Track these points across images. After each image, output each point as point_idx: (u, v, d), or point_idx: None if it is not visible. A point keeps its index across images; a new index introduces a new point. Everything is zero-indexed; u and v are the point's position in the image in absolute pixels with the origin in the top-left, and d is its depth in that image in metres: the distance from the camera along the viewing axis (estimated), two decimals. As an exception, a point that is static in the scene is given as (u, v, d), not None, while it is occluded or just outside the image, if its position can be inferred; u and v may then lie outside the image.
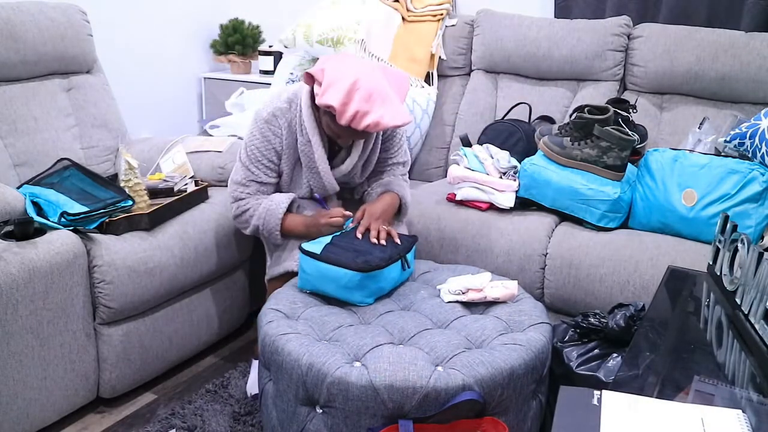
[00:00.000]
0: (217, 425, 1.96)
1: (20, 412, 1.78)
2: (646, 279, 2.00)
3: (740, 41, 2.45)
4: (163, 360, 2.15)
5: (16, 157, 2.25)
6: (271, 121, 1.98)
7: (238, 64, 3.48)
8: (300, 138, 1.98)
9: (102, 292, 1.90)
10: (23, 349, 1.76)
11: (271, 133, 1.98)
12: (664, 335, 1.43)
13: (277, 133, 1.98)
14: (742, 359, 1.33)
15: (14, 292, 1.70)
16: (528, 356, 1.56)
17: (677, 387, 1.22)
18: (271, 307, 1.76)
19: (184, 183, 2.25)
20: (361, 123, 1.80)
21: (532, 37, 2.74)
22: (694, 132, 2.36)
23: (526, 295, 1.88)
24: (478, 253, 2.22)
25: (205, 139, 2.58)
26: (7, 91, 2.28)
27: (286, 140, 1.99)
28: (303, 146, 1.99)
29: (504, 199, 2.27)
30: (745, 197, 2.03)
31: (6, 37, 2.23)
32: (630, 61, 2.65)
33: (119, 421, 2.01)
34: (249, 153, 2.00)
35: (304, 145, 1.98)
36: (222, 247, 2.25)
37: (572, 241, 2.14)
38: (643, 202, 2.18)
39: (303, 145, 1.98)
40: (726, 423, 1.04)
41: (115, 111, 2.60)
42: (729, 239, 1.58)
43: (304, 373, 1.52)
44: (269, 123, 1.98)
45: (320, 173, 2.00)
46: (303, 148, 1.99)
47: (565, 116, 2.68)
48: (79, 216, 1.89)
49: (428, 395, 1.45)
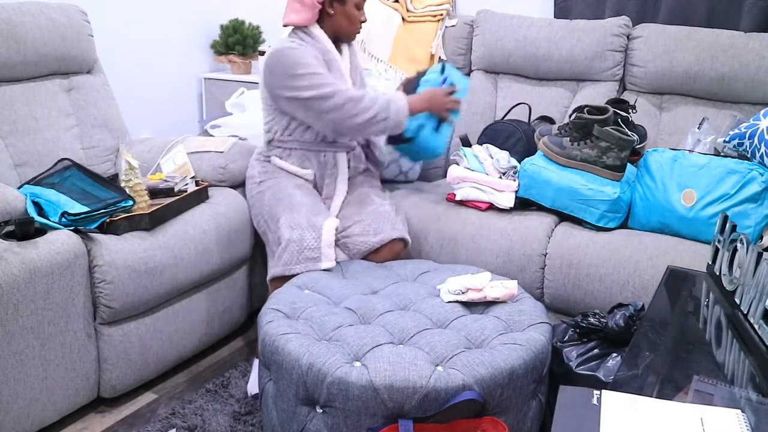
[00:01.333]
0: (217, 425, 1.97)
1: (21, 411, 1.79)
2: (645, 279, 2.00)
3: (739, 41, 2.45)
4: (163, 360, 2.15)
5: (16, 157, 2.26)
6: (291, 43, 2.15)
7: (238, 65, 3.48)
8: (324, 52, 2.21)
9: (102, 292, 1.90)
10: (24, 348, 1.76)
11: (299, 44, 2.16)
12: (664, 335, 1.43)
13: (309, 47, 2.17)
14: (742, 359, 1.34)
15: (15, 292, 1.70)
16: (528, 356, 1.57)
17: (677, 387, 1.22)
18: (271, 307, 1.76)
19: (184, 183, 2.26)
20: None
21: (531, 38, 2.75)
22: (693, 132, 2.37)
23: (525, 295, 1.88)
24: (478, 253, 2.22)
25: (206, 139, 2.58)
26: (7, 92, 2.28)
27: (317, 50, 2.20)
28: (328, 56, 2.22)
29: (504, 199, 2.27)
30: (745, 197, 2.03)
31: (7, 38, 2.24)
32: (629, 62, 2.66)
33: (120, 420, 2.01)
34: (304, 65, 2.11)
35: (329, 54, 2.22)
36: (222, 247, 2.25)
37: (572, 241, 2.14)
38: (643, 202, 2.18)
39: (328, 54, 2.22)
40: (725, 423, 1.04)
41: (115, 111, 2.60)
42: (728, 239, 1.58)
43: (304, 372, 1.52)
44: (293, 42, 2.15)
45: (345, 78, 2.24)
46: (329, 57, 2.22)
47: (565, 116, 2.68)
48: (80, 216, 1.89)
49: (428, 395, 1.45)
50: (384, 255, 2.13)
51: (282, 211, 2.11)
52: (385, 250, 2.13)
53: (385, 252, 2.13)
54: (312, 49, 2.17)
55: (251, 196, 2.28)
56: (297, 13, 2.19)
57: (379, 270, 2.01)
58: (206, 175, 2.42)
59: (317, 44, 2.21)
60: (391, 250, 2.14)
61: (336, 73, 2.23)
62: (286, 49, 2.13)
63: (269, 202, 2.17)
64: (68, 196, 1.96)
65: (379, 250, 2.13)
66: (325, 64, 2.20)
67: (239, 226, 2.32)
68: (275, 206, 2.14)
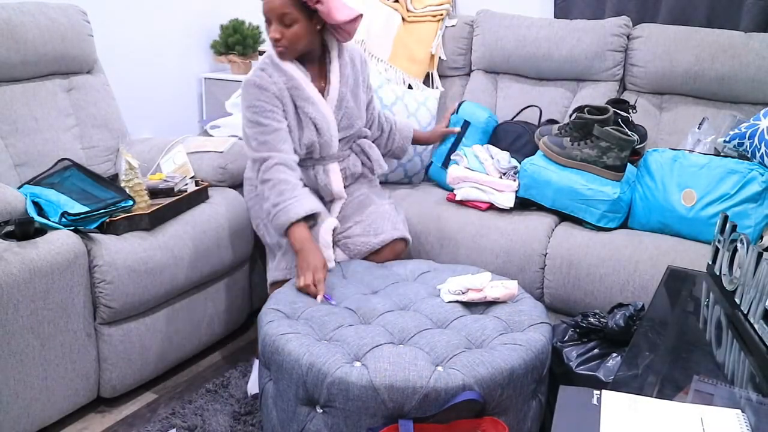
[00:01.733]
0: (217, 425, 1.96)
1: (21, 411, 1.79)
2: (645, 279, 2.00)
3: (739, 41, 2.45)
4: (163, 360, 2.15)
5: (16, 157, 2.26)
6: (257, 74, 2.03)
7: (238, 65, 3.48)
8: (285, 78, 2.03)
9: (102, 292, 1.90)
10: (24, 348, 1.76)
11: (261, 79, 2.01)
12: (664, 335, 1.43)
13: (266, 81, 2.01)
14: (742, 359, 1.34)
15: (15, 292, 1.70)
16: (528, 356, 1.57)
17: (677, 387, 1.22)
18: (271, 307, 1.76)
19: (184, 183, 2.26)
20: None
21: (531, 38, 2.75)
22: (693, 132, 2.37)
23: (526, 295, 1.88)
24: (478, 253, 2.22)
25: (206, 139, 2.58)
26: (7, 92, 2.28)
27: (278, 87, 2.03)
28: (289, 83, 2.04)
29: (504, 199, 2.27)
30: (745, 197, 2.03)
31: (6, 38, 2.23)
32: (629, 62, 2.66)
33: (120, 420, 2.01)
34: (253, 110, 2.01)
35: (289, 81, 2.03)
36: (222, 248, 2.25)
37: (572, 241, 2.14)
38: (643, 202, 2.18)
39: (288, 81, 2.03)
40: (725, 423, 1.04)
41: (115, 111, 2.60)
42: (728, 239, 1.58)
43: (304, 372, 1.52)
44: (257, 76, 2.02)
45: (314, 100, 2.05)
46: (290, 84, 2.04)
47: (565, 116, 2.68)
48: (80, 216, 1.89)
49: (428, 395, 1.45)
50: (385, 255, 2.13)
51: None
52: (387, 251, 2.13)
53: (386, 252, 2.13)
54: (273, 83, 2.02)
55: (249, 198, 2.28)
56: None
57: (379, 270, 2.01)
58: (206, 175, 2.42)
59: (279, 72, 2.04)
60: (393, 250, 2.14)
61: (303, 102, 2.05)
62: (248, 84, 2.02)
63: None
64: (68, 196, 1.96)
65: (381, 251, 2.13)
66: (289, 97, 2.04)
67: (239, 226, 2.32)
68: None
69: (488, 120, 2.51)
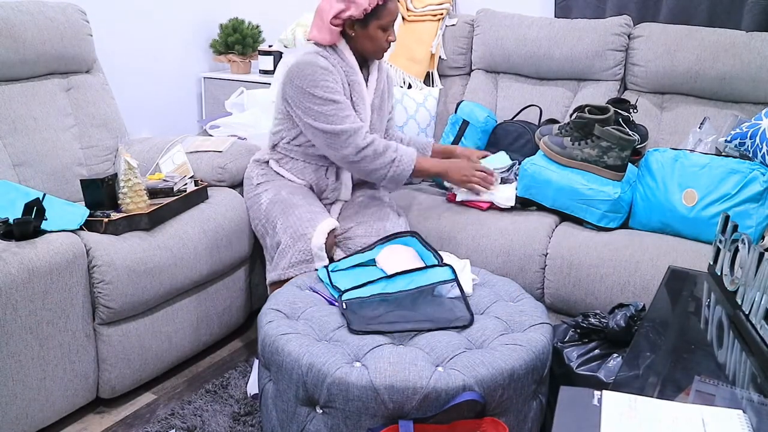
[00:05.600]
0: (216, 425, 1.96)
1: (20, 412, 1.78)
2: (646, 279, 2.00)
3: (741, 41, 2.44)
4: (162, 360, 2.14)
5: (15, 157, 2.25)
6: (319, 59, 2.08)
7: (238, 64, 3.48)
8: (349, 71, 2.14)
9: (101, 293, 1.90)
10: (22, 349, 1.75)
11: (327, 62, 2.08)
12: (665, 335, 1.43)
13: (330, 65, 2.09)
14: (743, 359, 1.33)
15: (13, 293, 1.70)
16: (528, 357, 1.56)
17: (678, 387, 1.22)
18: (271, 307, 1.76)
19: (183, 183, 2.25)
20: None
21: (532, 37, 2.74)
22: (694, 132, 2.36)
23: (526, 295, 1.87)
24: (478, 253, 2.22)
25: (205, 138, 2.58)
26: (6, 91, 2.28)
27: (339, 72, 2.12)
28: (352, 76, 2.14)
29: (505, 198, 2.27)
30: (746, 197, 2.03)
31: (5, 37, 2.23)
32: (630, 61, 2.65)
33: (119, 421, 2.01)
34: (323, 89, 2.05)
35: (352, 75, 2.14)
36: (222, 247, 2.25)
37: (572, 241, 2.13)
38: (644, 202, 2.18)
39: (352, 75, 2.14)
40: (727, 423, 1.04)
41: (114, 111, 2.60)
42: (730, 239, 1.58)
43: (304, 373, 1.52)
44: (321, 58, 2.08)
45: (366, 102, 2.17)
46: (353, 78, 2.14)
47: (566, 116, 2.68)
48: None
49: (428, 396, 1.45)
50: (387, 255, 2.13)
51: (278, 216, 2.10)
52: (388, 251, 2.13)
53: (387, 252, 2.13)
54: (336, 70, 2.10)
55: (249, 198, 2.27)
56: (319, 30, 2.12)
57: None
58: (205, 175, 2.41)
59: (342, 62, 2.14)
60: (394, 251, 2.14)
61: (356, 96, 2.16)
62: (311, 64, 2.06)
63: (266, 207, 2.16)
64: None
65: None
66: (348, 87, 2.14)
67: (239, 226, 2.31)
68: (272, 211, 2.14)
69: (487, 120, 2.51)
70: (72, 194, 2.33)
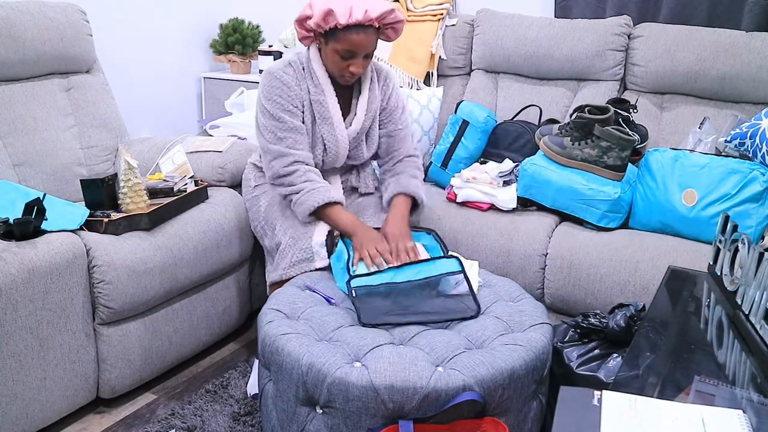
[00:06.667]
0: (216, 425, 1.96)
1: (20, 412, 1.78)
2: (646, 279, 2.00)
3: (741, 41, 2.44)
4: (162, 360, 2.14)
5: (15, 157, 2.25)
6: (285, 71, 2.02)
7: (237, 64, 3.48)
8: (313, 89, 2.03)
9: (101, 293, 1.90)
10: (23, 349, 1.75)
11: (289, 77, 2.01)
12: (665, 335, 1.43)
13: (292, 81, 2.02)
14: (743, 359, 1.33)
15: (13, 293, 1.70)
16: (528, 357, 1.56)
17: (678, 387, 1.22)
18: (271, 307, 1.76)
19: (183, 183, 2.25)
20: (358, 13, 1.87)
21: (532, 37, 2.74)
22: (694, 132, 2.36)
23: (526, 295, 1.87)
24: (478, 253, 2.22)
25: (205, 138, 2.58)
26: (6, 91, 2.28)
27: (301, 89, 2.03)
28: (316, 96, 2.03)
29: (506, 201, 2.26)
30: (746, 197, 2.03)
31: (5, 37, 2.23)
32: (630, 61, 2.65)
33: (119, 421, 2.01)
34: (273, 103, 2.00)
35: (317, 94, 2.03)
36: (222, 247, 2.25)
37: (572, 241, 2.13)
38: (644, 202, 2.18)
39: (316, 95, 2.03)
40: (726, 423, 1.04)
41: (114, 111, 2.60)
42: (729, 239, 1.58)
43: (304, 373, 1.52)
44: (284, 72, 2.02)
45: (334, 124, 2.04)
46: (316, 97, 2.03)
47: (566, 116, 2.68)
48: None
49: (428, 396, 1.45)
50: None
51: (277, 217, 2.10)
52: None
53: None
54: (300, 86, 2.02)
55: (247, 199, 2.27)
56: (303, 30, 2.03)
57: (379, 270, 2.01)
58: (205, 175, 2.41)
59: (309, 79, 2.03)
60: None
61: (320, 117, 2.04)
62: (273, 75, 2.01)
63: (265, 209, 2.16)
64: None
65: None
66: (310, 106, 2.04)
67: (238, 226, 2.31)
68: (270, 212, 2.13)
69: (487, 120, 2.51)
70: (72, 194, 2.33)
